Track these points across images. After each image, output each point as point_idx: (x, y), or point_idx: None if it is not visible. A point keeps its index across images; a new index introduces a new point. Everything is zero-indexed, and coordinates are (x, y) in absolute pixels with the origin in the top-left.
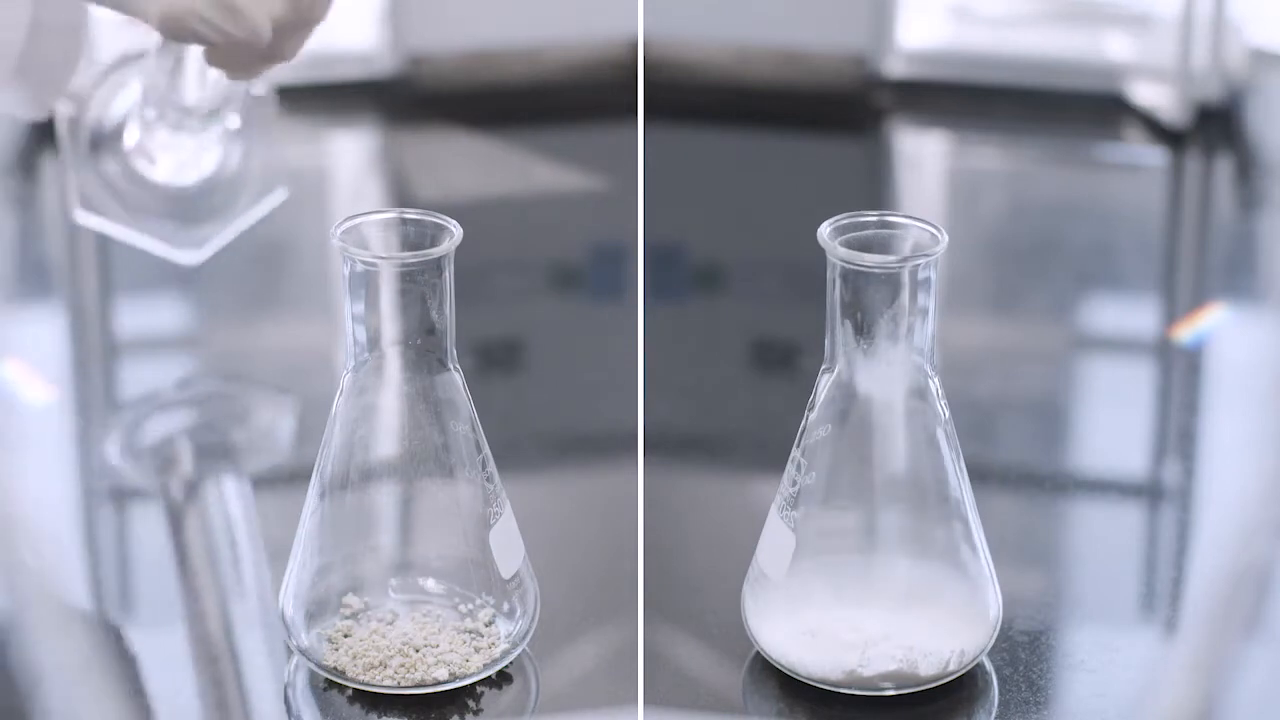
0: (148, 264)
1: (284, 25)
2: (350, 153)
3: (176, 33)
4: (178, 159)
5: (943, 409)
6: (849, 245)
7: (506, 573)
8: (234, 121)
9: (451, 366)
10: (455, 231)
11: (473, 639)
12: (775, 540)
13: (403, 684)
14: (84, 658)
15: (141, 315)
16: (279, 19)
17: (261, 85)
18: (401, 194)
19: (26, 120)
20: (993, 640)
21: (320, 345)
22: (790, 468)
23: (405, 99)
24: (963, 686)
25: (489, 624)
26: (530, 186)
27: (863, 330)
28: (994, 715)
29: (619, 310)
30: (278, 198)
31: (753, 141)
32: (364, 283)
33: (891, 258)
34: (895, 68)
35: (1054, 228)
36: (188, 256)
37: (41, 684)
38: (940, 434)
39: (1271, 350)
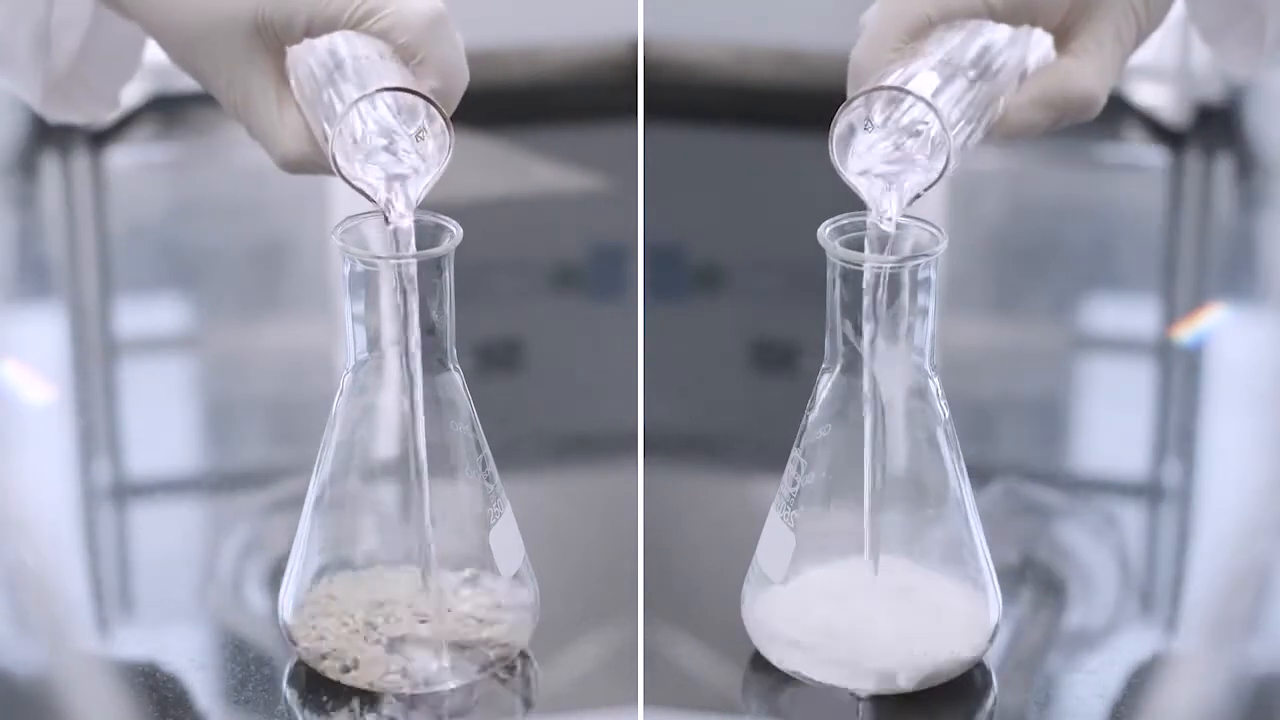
0: (148, 264)
1: None
2: None
3: (297, 172)
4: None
5: (943, 409)
6: (849, 245)
7: (506, 573)
8: None
9: (451, 366)
10: (455, 231)
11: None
12: (775, 540)
13: (403, 684)
14: (84, 658)
15: (141, 315)
16: None
17: None
18: None
19: (74, 123)
20: (992, 640)
21: (320, 345)
22: (790, 468)
23: None
24: (963, 686)
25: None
26: (530, 186)
27: (862, 330)
28: (994, 715)
29: (619, 310)
30: None
31: (753, 141)
32: (364, 283)
33: (891, 258)
34: None
35: (1054, 228)
36: None
37: (42, 684)
38: (940, 434)
39: (1271, 350)
